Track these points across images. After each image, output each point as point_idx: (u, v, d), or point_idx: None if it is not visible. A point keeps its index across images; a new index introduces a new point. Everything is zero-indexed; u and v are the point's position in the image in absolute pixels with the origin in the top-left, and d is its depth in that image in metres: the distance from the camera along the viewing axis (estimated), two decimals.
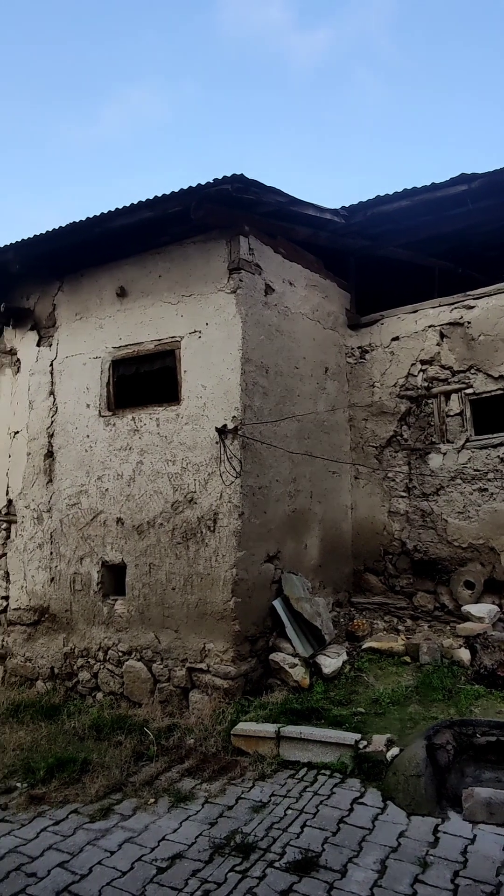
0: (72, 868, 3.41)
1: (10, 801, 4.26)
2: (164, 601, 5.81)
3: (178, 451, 5.89)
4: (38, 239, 6.32)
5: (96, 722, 5.43)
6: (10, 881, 3.31)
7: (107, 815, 3.98)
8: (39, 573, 6.68)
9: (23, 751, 5.04)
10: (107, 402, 6.49)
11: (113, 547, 6.19)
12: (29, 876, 3.35)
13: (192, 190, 5.26)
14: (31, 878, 3.34)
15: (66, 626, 6.42)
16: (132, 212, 5.67)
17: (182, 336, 5.99)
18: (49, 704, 6.00)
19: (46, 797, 4.26)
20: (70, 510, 6.53)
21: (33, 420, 6.96)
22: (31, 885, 3.26)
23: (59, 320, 6.93)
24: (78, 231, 6.01)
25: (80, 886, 3.24)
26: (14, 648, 6.75)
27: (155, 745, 4.96)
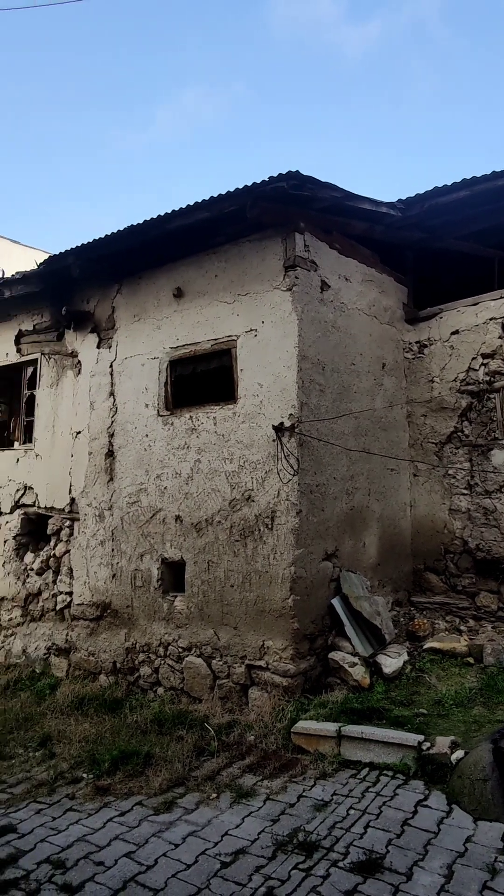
0: (138, 858, 3.49)
1: (78, 790, 4.39)
2: (222, 598, 5.86)
3: (235, 449, 5.92)
4: (97, 243, 6.47)
5: (158, 716, 5.53)
6: (80, 868, 3.41)
7: (170, 809, 4.05)
8: (101, 569, 6.84)
9: (88, 742, 5.17)
10: (165, 401, 6.58)
11: (172, 544, 6.28)
12: (97, 864, 3.44)
13: (247, 189, 5.27)
14: (100, 866, 3.42)
15: (127, 621, 6.56)
16: (188, 213, 5.73)
17: (238, 335, 6.02)
18: (112, 698, 6.14)
19: (112, 788, 4.37)
20: (130, 508, 6.66)
21: (94, 420, 7.13)
22: (99, 874, 3.35)
23: (117, 322, 7.07)
24: (136, 234, 6.12)
25: (146, 877, 3.31)
26: (78, 643, 6.94)
27: (215, 740, 5.01)
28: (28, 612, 7.49)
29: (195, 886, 3.21)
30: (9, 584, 7.72)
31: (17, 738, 5.46)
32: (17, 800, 4.29)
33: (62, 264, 6.87)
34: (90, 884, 3.26)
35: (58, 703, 6.16)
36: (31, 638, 7.40)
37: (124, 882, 3.27)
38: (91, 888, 3.22)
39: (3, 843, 3.71)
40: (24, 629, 7.49)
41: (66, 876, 3.33)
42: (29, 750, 5.21)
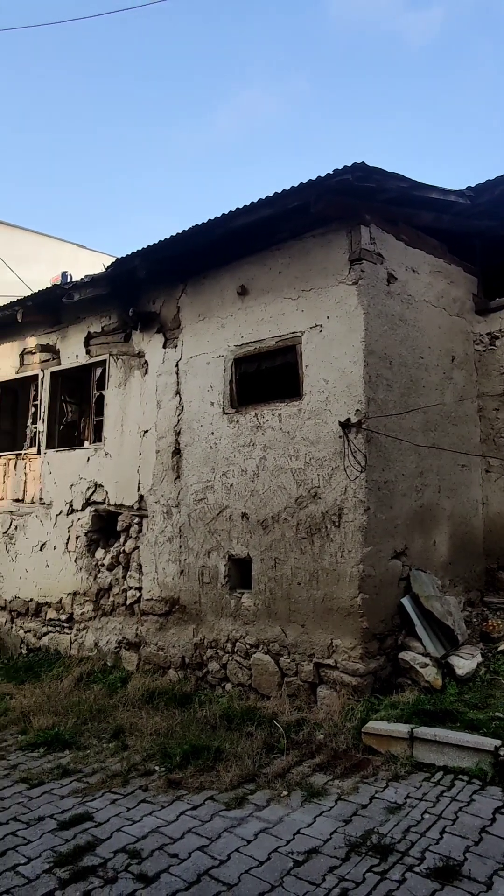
0: (211, 853, 3.51)
1: (150, 783, 4.46)
2: (289, 595, 5.84)
3: (301, 446, 5.88)
4: (162, 244, 6.57)
5: (226, 712, 5.56)
6: (155, 859, 3.46)
7: (241, 805, 4.06)
8: (169, 565, 6.94)
9: (159, 736, 5.26)
10: (230, 399, 6.61)
11: (238, 541, 6.31)
12: (171, 856, 3.49)
13: (312, 183, 5.22)
14: (174, 858, 3.47)
15: (195, 617, 6.63)
16: (252, 210, 5.73)
17: (303, 331, 5.98)
18: (181, 693, 6.22)
19: (183, 782, 4.42)
20: (197, 505, 6.73)
21: (161, 419, 7.24)
22: (173, 866, 3.39)
23: (183, 322, 7.15)
24: (200, 233, 6.17)
25: (219, 871, 3.33)
26: (147, 637, 7.07)
27: (285, 738, 5.00)
28: (99, 606, 7.69)
29: (268, 884, 3.21)
30: (81, 580, 7.95)
31: (91, 729, 5.61)
32: (93, 789, 4.40)
33: (129, 266, 7.01)
34: (165, 875, 3.31)
35: (129, 696, 6.29)
36: (103, 632, 7.59)
37: (198, 875, 3.30)
38: (166, 879, 3.27)
39: (81, 830, 3.82)
40: (96, 623, 7.69)
41: (141, 866, 3.39)
42: (102, 741, 5.35)
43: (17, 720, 5.96)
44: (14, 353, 9.47)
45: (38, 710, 6.08)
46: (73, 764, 4.87)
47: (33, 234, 18.12)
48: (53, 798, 4.30)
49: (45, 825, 3.91)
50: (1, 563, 9.20)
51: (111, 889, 3.20)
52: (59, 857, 3.50)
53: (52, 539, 8.42)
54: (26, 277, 13.41)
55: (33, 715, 5.96)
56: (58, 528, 8.36)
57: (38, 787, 4.51)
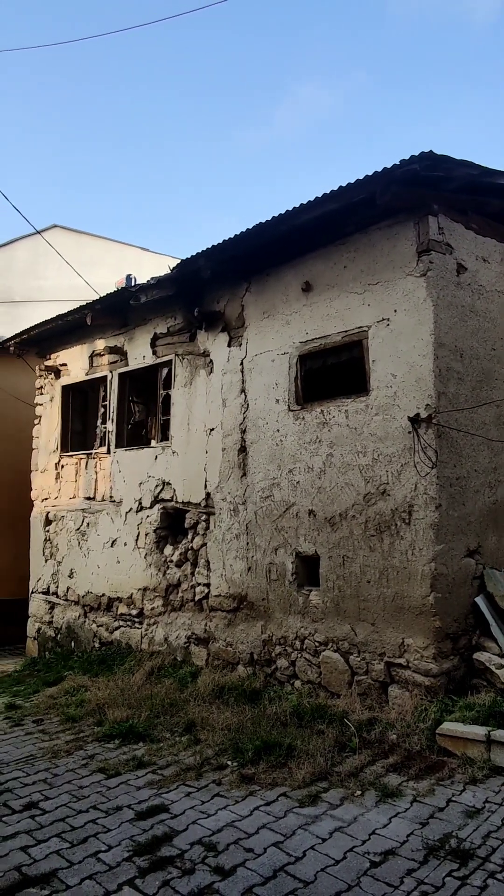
0: (286, 849, 3.52)
1: (223, 777, 4.51)
2: (358, 593, 5.78)
3: (369, 442, 5.81)
4: (226, 243, 6.61)
5: (296, 709, 5.56)
6: (230, 853, 3.50)
7: (315, 802, 4.05)
8: (237, 562, 6.99)
9: (230, 731, 5.31)
10: (295, 396, 6.59)
11: (306, 538, 6.29)
12: (247, 851, 3.51)
13: (377, 175, 5.14)
14: (249, 853, 3.50)
15: (263, 614, 6.66)
16: (316, 205, 5.69)
17: (369, 325, 5.90)
18: (250, 689, 6.26)
19: (256, 778, 4.45)
20: (263, 502, 6.75)
21: (227, 417, 7.30)
22: (249, 860, 3.42)
23: (247, 320, 7.18)
24: (264, 231, 6.18)
25: (295, 868, 3.33)
26: (216, 633, 7.15)
27: (356, 737, 4.95)
28: (169, 602, 7.82)
29: (345, 883, 3.19)
30: (150, 575, 8.11)
31: (163, 722, 5.72)
32: (168, 781, 4.49)
33: (193, 267, 7.09)
34: (241, 869, 3.34)
35: (199, 690, 6.38)
36: (172, 627, 7.72)
37: (274, 871, 3.31)
38: (242, 873, 3.30)
39: (158, 821, 3.90)
40: (166, 618, 7.83)
41: (217, 859, 3.44)
42: (175, 735, 5.44)
43: (92, 712, 6.15)
44: (84, 355, 9.75)
45: (112, 702, 6.25)
46: (148, 756, 4.98)
47: (99, 239, 18.60)
48: (130, 789, 4.41)
49: (123, 815, 4.02)
50: (74, 560, 9.50)
51: (189, 880, 3.25)
52: (137, 847, 3.59)
53: (123, 536, 8.63)
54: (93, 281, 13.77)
55: (108, 707, 6.13)
56: (128, 525, 8.56)
57: (114, 777, 4.63)
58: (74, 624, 9.37)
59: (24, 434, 11.72)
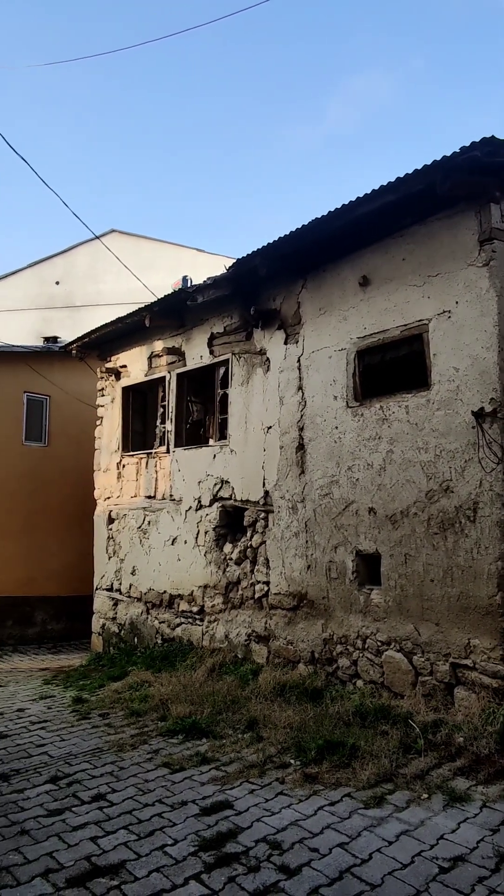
0: (351, 851, 3.48)
1: (286, 775, 4.50)
2: (421, 593, 5.66)
3: (430, 438, 5.68)
4: (281, 240, 6.59)
5: (359, 709, 5.49)
6: (295, 852, 3.48)
7: (380, 804, 3.99)
8: (296, 560, 6.97)
9: (292, 729, 5.29)
10: (353, 392, 6.51)
11: (366, 536, 6.21)
12: (312, 850, 3.49)
13: (437, 164, 5.01)
14: (314, 853, 3.47)
15: (323, 612, 6.61)
16: (373, 198, 5.60)
17: (429, 318, 5.76)
18: (312, 687, 6.22)
19: (319, 777, 4.42)
20: (322, 500, 6.70)
21: (284, 415, 7.28)
22: (314, 860, 3.39)
23: (303, 317, 7.14)
24: (320, 226, 6.13)
25: (361, 870, 3.29)
26: (276, 631, 7.14)
27: (421, 738, 4.85)
28: (229, 599, 7.87)
29: (413, 888, 3.12)
30: (210, 573, 8.18)
31: (225, 719, 5.76)
32: (231, 778, 4.51)
33: (249, 266, 7.10)
34: (307, 869, 3.32)
35: (260, 688, 6.39)
36: (233, 624, 7.77)
37: (340, 872, 3.28)
38: (308, 873, 3.28)
39: (222, 817, 3.92)
40: (226, 616, 7.89)
41: (282, 857, 3.43)
42: (237, 731, 5.47)
43: (156, 707, 6.25)
44: (143, 356, 9.92)
45: (175, 698, 6.34)
46: (211, 752, 5.02)
47: (155, 242, 18.90)
48: (194, 784, 4.46)
49: (187, 809, 4.06)
50: (136, 557, 9.68)
51: (254, 877, 3.26)
52: (202, 842, 3.62)
53: (183, 534, 8.73)
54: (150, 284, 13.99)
55: (171, 703, 6.22)
56: (187, 523, 8.66)
57: (179, 772, 4.69)
58: (137, 620, 9.55)
59: (86, 435, 12.05)
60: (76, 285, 19.45)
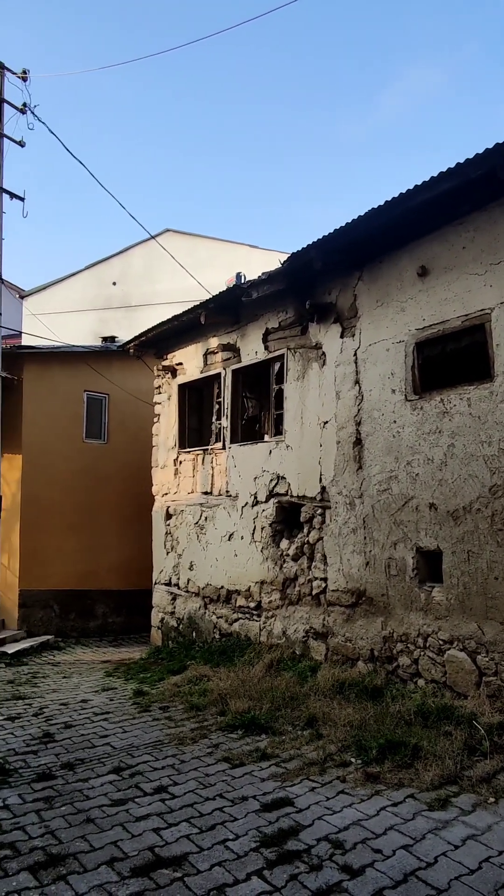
0: (416, 853, 3.40)
1: (347, 774, 4.45)
2: (486, 591, 5.49)
3: (494, 431, 5.50)
4: (337, 232, 6.50)
5: (420, 708, 5.38)
6: (358, 853, 3.43)
7: (444, 807, 3.89)
8: (354, 557, 6.88)
9: (352, 728, 5.23)
10: (412, 385, 6.37)
11: (427, 533, 6.07)
12: (375, 851, 3.44)
13: (498, 149, 4.84)
14: (377, 854, 3.41)
15: (383, 609, 6.51)
16: (431, 186, 5.46)
17: (492, 307, 5.57)
18: (371, 685, 6.13)
19: (381, 777, 4.35)
20: (381, 496, 6.58)
21: (340, 409, 7.19)
22: (378, 861, 3.34)
23: (360, 310, 7.03)
24: (377, 216, 6.01)
25: (426, 874, 3.21)
26: (335, 628, 7.08)
27: (487, 740, 4.71)
28: (286, 595, 7.85)
29: (481, 895, 3.03)
30: (267, 569, 8.18)
31: (284, 715, 5.74)
32: (291, 775, 4.49)
33: (304, 259, 7.04)
34: (370, 870, 3.26)
35: (319, 685, 6.34)
36: (290, 621, 7.74)
37: (404, 875, 3.21)
38: (371, 874, 3.22)
39: (283, 814, 3.91)
40: (283, 612, 7.87)
41: (345, 857, 3.38)
42: (297, 728, 5.44)
43: (215, 701, 6.29)
44: (198, 354, 9.99)
45: (233, 693, 6.37)
46: (271, 748, 5.01)
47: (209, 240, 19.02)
48: (254, 780, 4.46)
49: (248, 805, 4.06)
50: (193, 552, 9.78)
51: (317, 876, 3.23)
52: (264, 838, 3.61)
53: (239, 529, 8.76)
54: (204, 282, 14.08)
55: (230, 698, 6.24)
56: (244, 518, 8.68)
57: (238, 767, 4.70)
58: (195, 615, 9.65)
59: (144, 432, 12.26)
60: (132, 285, 19.79)
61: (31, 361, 12.02)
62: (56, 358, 12.63)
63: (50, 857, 3.44)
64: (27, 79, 10.61)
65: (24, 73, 10.60)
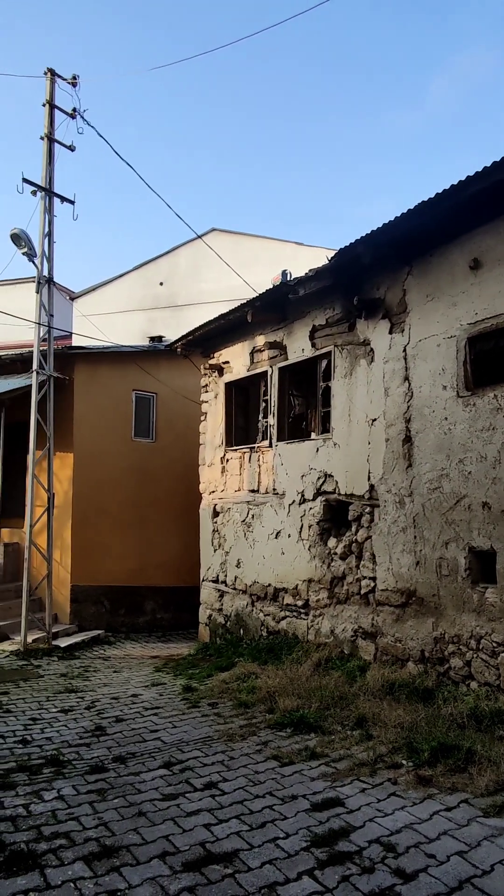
0: (471, 860, 3.33)
1: (399, 776, 4.38)
2: None
3: None
4: (386, 226, 6.40)
5: (473, 711, 5.26)
6: (411, 857, 3.38)
7: (500, 814, 3.79)
8: (404, 556, 6.78)
9: (403, 729, 5.15)
10: (464, 381, 6.23)
11: (480, 532, 5.92)
12: (428, 856, 3.37)
13: None
14: (431, 859, 3.35)
15: (433, 610, 6.38)
16: (485, 176, 5.32)
17: None
18: (422, 687, 6.03)
19: (434, 780, 4.27)
20: (431, 494, 6.46)
21: (389, 407, 7.09)
22: (431, 867, 3.27)
23: (409, 305, 6.91)
24: (428, 208, 5.89)
25: (483, 882, 3.14)
26: (384, 628, 6.99)
27: None
28: (334, 594, 7.79)
29: None
30: (315, 567, 8.13)
31: (333, 715, 5.70)
32: (341, 775, 4.45)
33: (352, 255, 6.96)
34: (423, 875, 3.20)
35: (368, 685, 6.28)
36: (338, 619, 7.68)
37: (459, 882, 3.14)
38: (425, 879, 3.16)
39: (333, 815, 3.88)
40: (331, 610, 7.81)
41: (397, 861, 3.33)
42: (346, 728, 5.40)
43: (263, 699, 6.29)
44: (244, 352, 10.01)
45: (282, 691, 6.36)
46: (320, 748, 4.98)
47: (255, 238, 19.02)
48: (304, 779, 4.44)
49: (298, 804, 4.05)
50: (241, 550, 9.81)
51: (369, 879, 3.18)
52: (314, 838, 3.59)
53: (286, 527, 8.74)
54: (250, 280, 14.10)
55: (278, 696, 6.24)
56: (291, 517, 8.65)
57: (288, 766, 4.69)
58: (243, 612, 9.67)
59: (191, 430, 12.36)
60: (179, 285, 19.96)
61: (82, 362, 12.26)
62: (105, 358, 12.85)
63: (104, 849, 3.50)
64: (77, 84, 10.79)
65: (73, 78, 10.79)
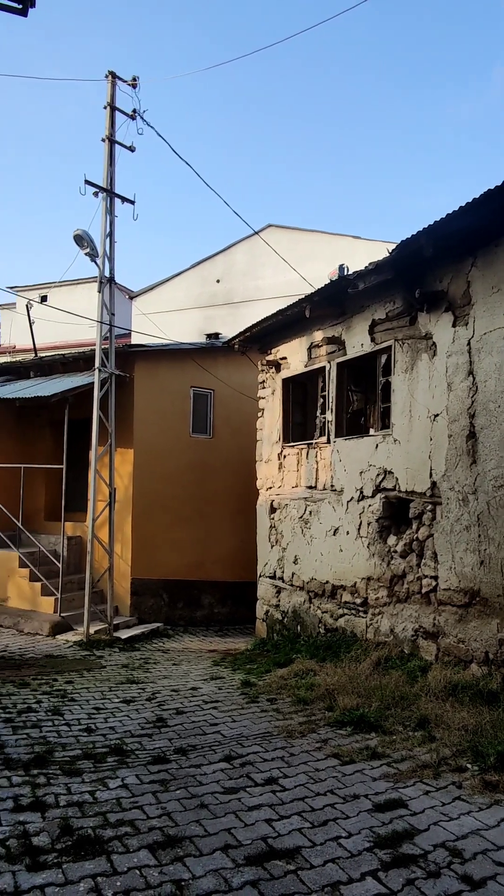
0: None
1: (464, 780, 4.28)
2: None
3: None
4: (449, 217, 6.24)
5: None
6: (478, 863, 3.30)
7: None
8: (467, 555, 6.61)
9: (467, 732, 5.03)
10: None
11: None
12: (497, 864, 3.28)
13: None
14: (499, 867, 3.26)
15: (499, 611, 6.20)
16: None
17: None
18: (487, 689, 5.86)
19: (500, 786, 4.15)
20: (497, 492, 6.27)
21: (452, 402, 6.92)
22: (500, 875, 3.18)
23: (473, 297, 6.72)
24: (492, 198, 5.71)
25: None
26: (446, 628, 6.84)
27: None
28: (393, 593, 7.67)
29: None
30: (374, 565, 8.03)
31: (394, 714, 5.62)
32: (404, 776, 4.38)
33: (414, 247, 6.81)
34: (492, 882, 3.12)
35: (430, 686, 6.15)
36: (398, 618, 7.56)
37: None
38: (494, 888, 3.08)
39: (396, 816, 3.82)
40: (391, 609, 7.70)
41: (464, 867, 3.26)
42: (407, 729, 5.31)
43: (322, 696, 6.27)
44: (302, 348, 9.96)
45: (341, 689, 6.31)
46: (381, 748, 4.92)
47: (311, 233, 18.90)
48: (365, 778, 4.40)
49: (360, 804, 4.01)
50: (298, 546, 9.78)
51: (435, 884, 3.12)
52: (378, 839, 3.55)
53: (344, 524, 8.66)
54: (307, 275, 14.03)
55: (337, 693, 6.20)
56: (349, 514, 8.57)
57: (349, 764, 4.65)
58: (300, 609, 9.65)
59: (248, 426, 12.41)
60: (236, 282, 20.05)
61: (141, 359, 12.47)
62: (164, 355, 13.03)
63: (168, 838, 3.56)
64: (136, 85, 10.96)
65: (133, 80, 10.96)
